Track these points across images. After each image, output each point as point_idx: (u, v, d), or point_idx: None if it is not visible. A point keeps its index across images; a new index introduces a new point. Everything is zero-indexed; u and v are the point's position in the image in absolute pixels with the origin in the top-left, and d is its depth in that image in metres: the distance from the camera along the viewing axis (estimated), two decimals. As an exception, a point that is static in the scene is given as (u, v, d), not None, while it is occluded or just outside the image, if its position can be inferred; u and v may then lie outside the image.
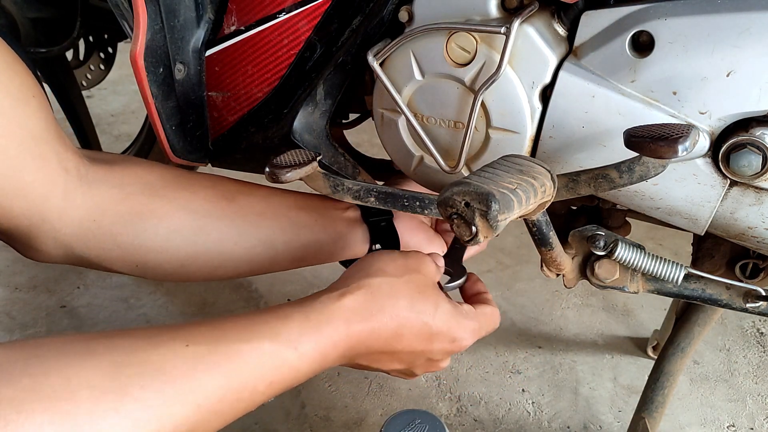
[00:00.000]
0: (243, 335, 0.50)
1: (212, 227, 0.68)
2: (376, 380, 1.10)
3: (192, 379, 0.46)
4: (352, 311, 0.55)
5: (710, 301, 0.72)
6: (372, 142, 1.52)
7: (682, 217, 0.62)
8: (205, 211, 0.68)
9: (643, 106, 0.57)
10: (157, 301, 1.26)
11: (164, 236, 0.66)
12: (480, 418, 1.04)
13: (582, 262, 0.73)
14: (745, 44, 0.52)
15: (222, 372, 0.48)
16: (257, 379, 0.50)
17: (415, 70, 0.63)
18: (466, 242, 0.48)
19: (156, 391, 0.44)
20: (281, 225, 0.71)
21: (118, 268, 0.67)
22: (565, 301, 1.29)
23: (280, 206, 0.72)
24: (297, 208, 0.72)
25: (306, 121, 0.72)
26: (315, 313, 0.54)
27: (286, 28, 0.67)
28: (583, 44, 0.58)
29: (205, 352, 0.48)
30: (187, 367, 0.46)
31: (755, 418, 1.05)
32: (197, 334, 0.49)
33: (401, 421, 0.62)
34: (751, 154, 0.54)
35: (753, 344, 1.20)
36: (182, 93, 0.71)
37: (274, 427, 1.01)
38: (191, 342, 0.48)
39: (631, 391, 1.09)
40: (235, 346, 0.49)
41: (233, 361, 0.49)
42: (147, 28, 0.64)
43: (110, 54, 1.28)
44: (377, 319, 0.56)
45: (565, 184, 0.58)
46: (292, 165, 0.62)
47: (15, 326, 1.19)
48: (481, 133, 0.63)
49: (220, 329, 0.50)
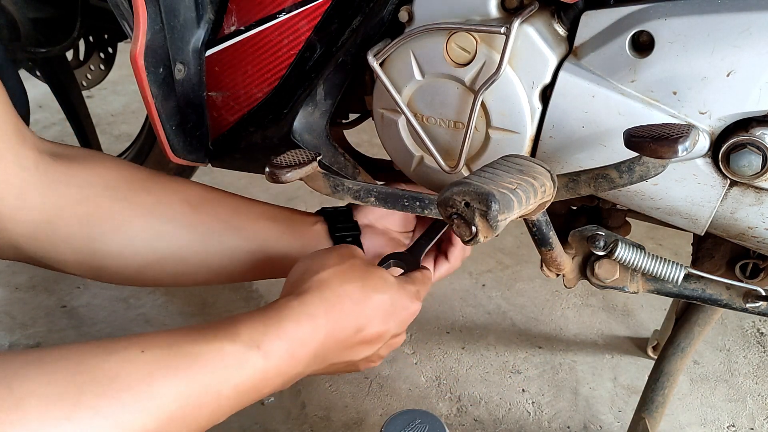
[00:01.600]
0: (201, 338, 0.49)
1: (173, 235, 0.66)
2: (376, 380, 1.10)
3: (149, 385, 0.44)
4: (314, 307, 0.55)
5: (710, 301, 0.72)
6: (372, 142, 1.52)
7: (682, 217, 0.62)
8: (166, 218, 0.66)
9: (643, 106, 0.57)
10: (156, 301, 1.26)
11: (122, 242, 0.64)
12: (480, 418, 1.04)
13: (582, 262, 0.73)
14: (745, 44, 0.52)
15: (181, 376, 0.46)
16: (220, 383, 0.48)
17: (415, 70, 0.63)
18: (467, 242, 0.48)
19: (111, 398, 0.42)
20: (246, 235, 0.70)
21: (72, 270, 0.65)
22: (565, 301, 1.29)
23: (247, 216, 0.71)
24: (265, 219, 0.71)
25: (306, 121, 0.72)
26: (274, 312, 0.53)
27: (286, 28, 0.67)
28: (583, 44, 0.58)
29: (160, 356, 0.46)
30: (143, 373, 0.44)
31: (755, 418, 1.05)
32: (153, 340, 0.47)
33: (401, 421, 0.62)
34: (751, 154, 0.54)
35: (753, 344, 1.20)
36: (182, 93, 0.71)
37: (274, 427, 1.01)
38: (147, 348, 0.46)
39: (631, 391, 1.09)
40: (192, 349, 0.47)
41: (192, 364, 0.47)
42: (147, 28, 0.64)
43: (110, 54, 1.27)
44: (339, 309, 0.56)
45: (565, 184, 0.58)
46: (292, 165, 0.62)
47: (15, 326, 1.19)
48: (481, 133, 0.63)
49: (177, 334, 0.49)
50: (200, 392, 0.47)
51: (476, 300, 1.29)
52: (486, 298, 1.30)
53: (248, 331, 0.50)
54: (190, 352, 0.47)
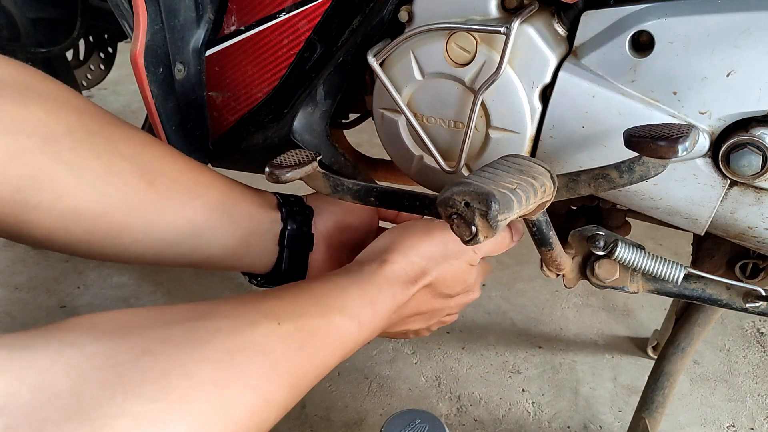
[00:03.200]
0: (318, 309, 0.51)
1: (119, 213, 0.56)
2: (376, 380, 1.10)
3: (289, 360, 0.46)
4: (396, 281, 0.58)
5: (710, 301, 0.72)
6: (372, 142, 1.52)
7: (682, 217, 0.62)
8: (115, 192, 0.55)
9: (643, 106, 0.57)
10: (157, 301, 1.26)
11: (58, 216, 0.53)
12: (480, 418, 1.04)
13: (582, 262, 0.73)
14: (745, 44, 0.52)
15: (310, 351, 0.48)
16: (332, 354, 0.50)
17: (415, 70, 0.63)
18: (466, 242, 0.48)
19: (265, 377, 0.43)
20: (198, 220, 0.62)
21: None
22: (565, 301, 1.29)
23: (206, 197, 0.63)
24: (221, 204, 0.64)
25: (306, 121, 0.72)
26: (368, 285, 0.56)
27: (286, 28, 0.67)
28: (583, 44, 0.58)
29: (293, 330, 0.47)
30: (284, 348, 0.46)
31: (755, 418, 1.05)
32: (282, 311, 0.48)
33: (401, 421, 0.62)
34: (751, 154, 0.54)
35: (753, 344, 1.20)
36: (182, 93, 0.71)
37: (275, 427, 1.01)
38: (282, 320, 0.47)
39: (631, 391, 1.09)
40: (315, 322, 0.49)
41: (316, 338, 0.49)
42: (147, 28, 0.64)
43: (110, 54, 1.28)
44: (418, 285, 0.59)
45: (565, 184, 0.58)
46: (292, 165, 0.62)
47: (15, 326, 1.19)
48: (481, 133, 0.63)
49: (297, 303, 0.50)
50: (320, 364, 0.49)
51: (476, 300, 1.29)
52: (486, 298, 1.30)
53: (351, 304, 0.53)
54: (314, 327, 0.49)
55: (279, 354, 0.45)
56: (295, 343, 0.47)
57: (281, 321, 0.47)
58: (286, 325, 0.47)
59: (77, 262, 1.34)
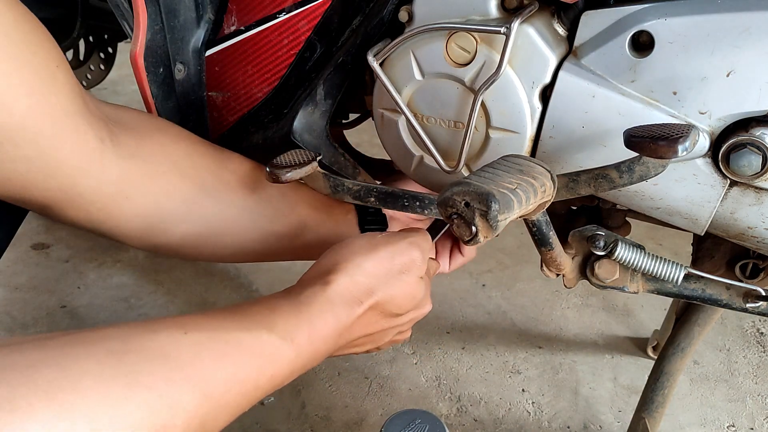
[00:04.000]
0: (240, 324, 0.49)
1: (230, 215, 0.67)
2: (376, 380, 1.10)
3: (199, 366, 0.43)
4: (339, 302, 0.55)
5: (710, 301, 0.72)
6: (372, 142, 1.52)
7: (682, 217, 0.62)
8: (227, 201, 0.67)
9: (643, 106, 0.57)
10: (157, 301, 1.26)
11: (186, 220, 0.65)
12: (480, 418, 1.04)
13: (582, 262, 0.73)
14: (745, 44, 0.52)
15: (226, 361, 0.46)
16: (259, 373, 0.48)
17: (415, 70, 0.63)
18: (467, 242, 0.48)
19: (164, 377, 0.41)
20: (290, 221, 0.71)
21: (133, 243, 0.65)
22: (565, 301, 1.29)
23: (293, 200, 0.72)
24: (306, 205, 0.72)
25: (306, 121, 0.72)
26: (305, 306, 0.53)
27: (286, 28, 0.67)
28: (583, 44, 0.58)
29: (205, 339, 0.45)
30: (191, 354, 0.44)
31: (755, 418, 1.05)
32: (194, 322, 0.46)
33: (401, 421, 0.62)
34: (751, 154, 0.54)
35: (753, 344, 1.20)
36: (182, 93, 0.71)
37: (275, 427, 1.01)
38: (189, 330, 0.45)
39: (631, 391, 1.09)
40: (233, 335, 0.47)
41: (234, 350, 0.47)
42: (147, 28, 0.64)
43: (110, 54, 1.28)
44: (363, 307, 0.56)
45: (565, 184, 0.58)
46: (292, 165, 0.62)
47: (15, 326, 1.19)
48: (481, 133, 0.63)
49: (216, 318, 0.48)
50: (244, 380, 0.47)
51: (476, 300, 1.29)
52: (486, 298, 1.30)
53: (282, 322, 0.51)
54: (231, 339, 0.47)
55: (185, 360, 0.43)
56: (207, 351, 0.45)
57: (188, 331, 0.45)
58: (195, 334, 0.45)
59: (77, 262, 1.34)
